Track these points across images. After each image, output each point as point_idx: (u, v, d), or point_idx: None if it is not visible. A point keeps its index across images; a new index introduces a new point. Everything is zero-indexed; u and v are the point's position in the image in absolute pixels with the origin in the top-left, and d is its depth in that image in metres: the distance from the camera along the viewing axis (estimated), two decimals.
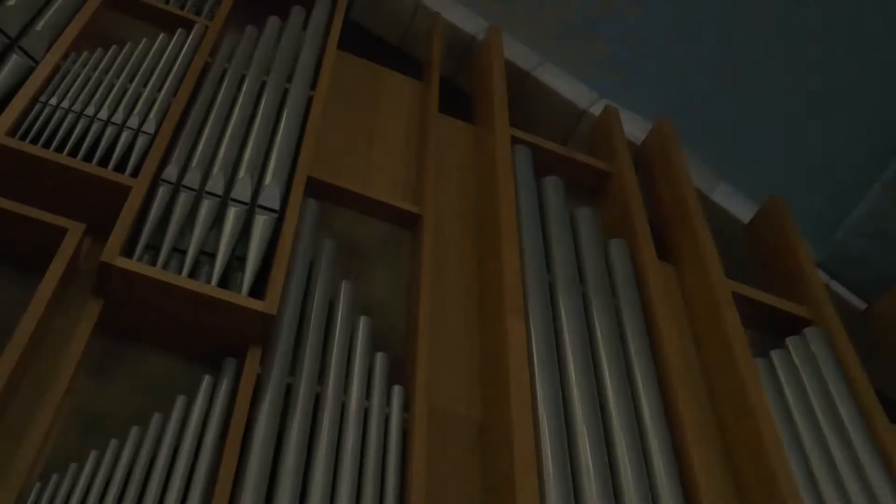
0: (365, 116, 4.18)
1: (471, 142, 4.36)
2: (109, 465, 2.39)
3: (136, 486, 2.35)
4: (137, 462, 2.41)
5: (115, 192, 2.92)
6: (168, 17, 3.91)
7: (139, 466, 2.40)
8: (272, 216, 3.06)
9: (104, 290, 2.70)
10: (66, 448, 2.47)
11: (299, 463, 2.53)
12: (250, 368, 2.70)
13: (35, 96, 3.12)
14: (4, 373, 2.33)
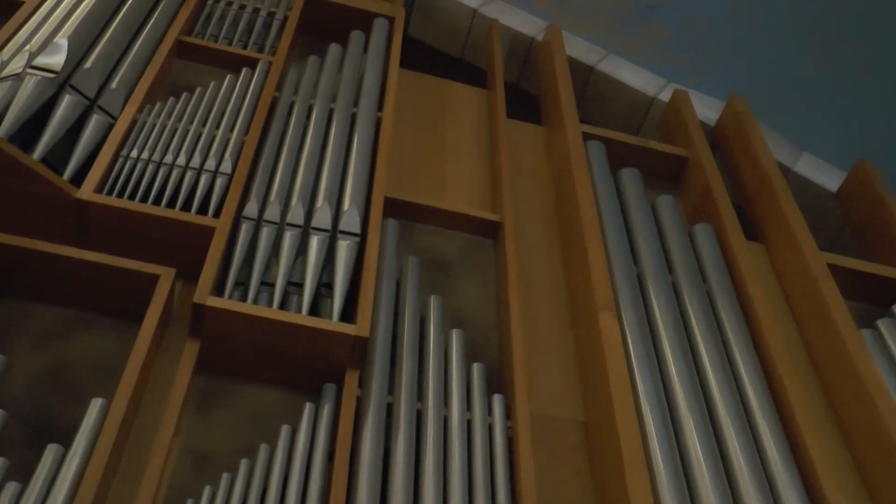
0: (434, 131, 4.20)
1: (543, 143, 4.35)
2: (224, 498, 2.43)
3: None
4: (250, 493, 2.45)
5: (200, 234, 2.99)
6: (232, 58, 4.00)
7: (252, 497, 2.44)
8: (354, 240, 3.09)
9: (200, 330, 2.76)
10: (180, 485, 2.53)
11: (408, 480, 2.54)
12: (350, 392, 2.73)
13: (117, 151, 3.22)
14: (116, 418, 2.40)
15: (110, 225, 3.01)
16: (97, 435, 2.38)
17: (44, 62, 3.21)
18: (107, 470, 2.32)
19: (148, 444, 2.52)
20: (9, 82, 3.13)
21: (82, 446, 2.35)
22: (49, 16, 3.60)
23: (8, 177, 2.90)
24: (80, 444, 2.35)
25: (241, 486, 2.46)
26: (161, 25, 3.90)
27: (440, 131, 4.21)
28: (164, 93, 3.75)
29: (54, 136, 3.10)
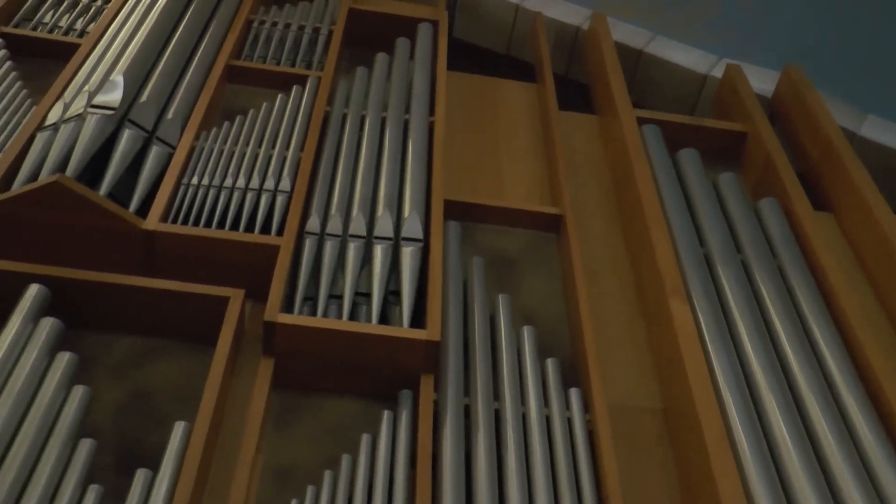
0: (487, 129, 4.20)
1: (597, 132, 4.32)
2: None
3: None
4: (337, 501, 2.48)
5: (266, 254, 3.03)
6: (282, 77, 4.05)
7: None
8: (418, 246, 3.11)
9: (273, 348, 2.80)
10: (266, 501, 2.57)
11: (492, 480, 2.54)
12: (426, 396, 2.74)
13: (178, 180, 3.28)
14: (199, 439, 2.45)
15: (178, 252, 3.07)
16: (183, 457, 2.43)
17: (102, 100, 3.29)
18: (195, 490, 2.37)
19: (232, 463, 2.56)
20: (72, 123, 3.22)
21: (170, 469, 2.40)
22: (104, 55, 3.70)
23: (78, 214, 2.98)
24: (168, 466, 2.40)
25: (326, 498, 2.49)
26: (210, 52, 3.97)
27: (493, 129, 4.21)
28: (219, 118, 3.82)
29: (118, 170, 3.17)
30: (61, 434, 2.42)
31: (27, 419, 2.40)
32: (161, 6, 3.92)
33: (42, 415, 2.42)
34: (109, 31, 3.93)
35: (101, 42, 3.84)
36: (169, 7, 3.95)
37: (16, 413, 2.40)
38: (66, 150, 3.14)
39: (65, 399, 2.52)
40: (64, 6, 4.31)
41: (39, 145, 3.21)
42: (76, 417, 2.49)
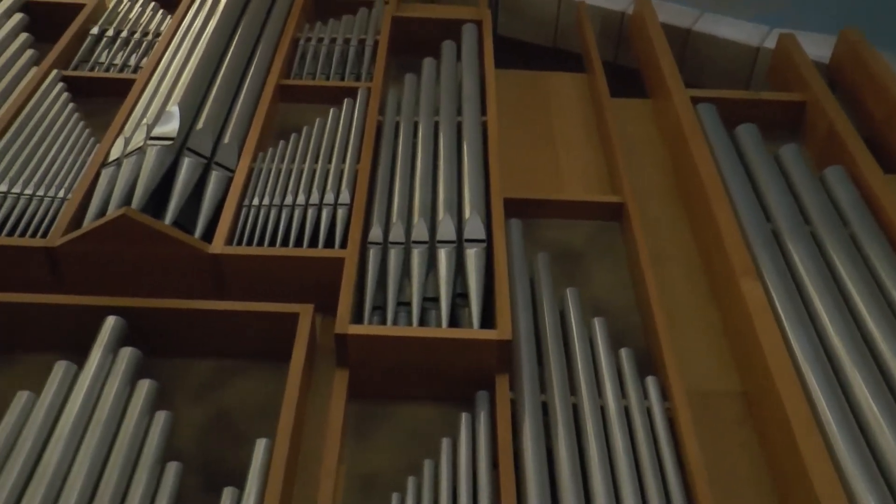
0: (541, 124, 4.18)
1: (651, 116, 4.27)
2: None
3: None
4: None
5: (331, 267, 3.06)
6: (332, 92, 4.09)
7: None
8: (481, 246, 3.10)
9: (346, 359, 2.82)
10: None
11: (575, 475, 2.53)
12: (503, 396, 2.73)
13: (239, 202, 3.33)
14: (282, 454, 2.48)
15: (245, 273, 3.12)
16: (267, 473, 2.46)
17: (160, 131, 3.36)
18: None
19: (315, 475, 2.59)
20: (134, 157, 3.29)
21: (255, 486, 2.43)
22: (158, 87, 3.78)
23: (146, 244, 3.05)
24: (253, 483, 2.44)
25: None
26: (260, 74, 4.03)
27: (546, 123, 4.19)
28: (274, 138, 3.87)
29: (181, 198, 3.23)
30: (148, 459, 2.47)
31: (115, 447, 2.47)
32: (209, 34, 3.99)
33: (129, 442, 2.48)
34: (161, 63, 4.02)
35: (155, 75, 3.93)
36: (217, 34, 4.02)
37: (104, 442, 2.46)
38: (130, 184, 3.21)
39: (149, 425, 2.58)
40: (117, 44, 4.42)
41: (105, 181, 3.30)
42: (161, 442, 2.54)
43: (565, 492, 2.48)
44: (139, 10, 4.68)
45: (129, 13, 4.65)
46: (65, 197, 3.38)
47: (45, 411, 2.52)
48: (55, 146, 3.65)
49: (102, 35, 4.47)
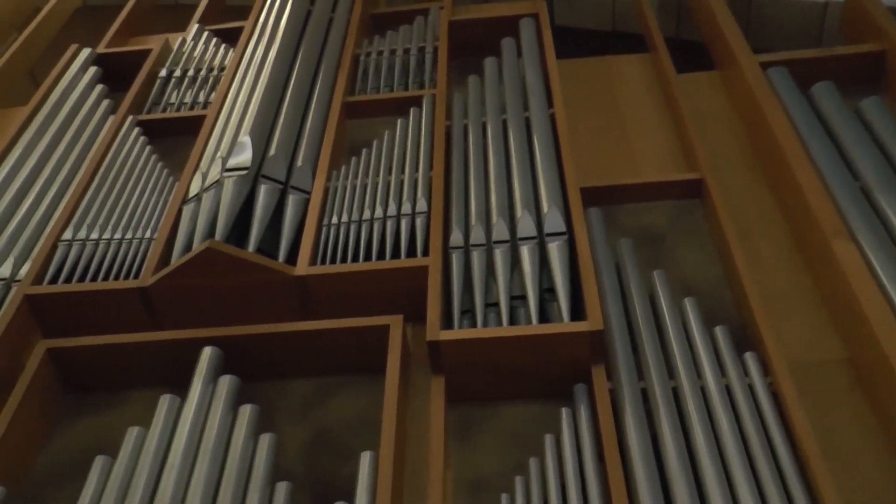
0: (609, 109, 4.14)
1: (721, 87, 4.18)
2: None
3: None
4: None
5: (416, 276, 3.08)
6: (398, 103, 4.12)
7: None
8: (563, 239, 3.08)
9: (441, 365, 2.83)
10: None
11: (683, 460, 2.48)
12: (601, 387, 2.71)
13: (319, 222, 3.38)
14: (387, 466, 2.51)
15: (332, 291, 3.15)
16: (375, 486, 2.49)
17: (235, 162, 3.42)
18: None
19: (423, 483, 2.60)
20: (212, 190, 3.37)
21: (364, 499, 2.46)
22: (228, 120, 3.86)
23: (232, 274, 3.11)
24: (363, 497, 2.47)
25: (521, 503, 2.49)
26: (325, 95, 4.08)
27: (615, 108, 4.14)
28: (346, 155, 3.92)
29: (261, 225, 3.29)
30: (258, 481, 2.52)
31: (225, 472, 2.53)
32: (271, 62, 4.06)
33: (237, 466, 2.54)
34: (229, 96, 4.10)
35: (224, 109, 4.01)
36: (279, 61, 4.08)
37: (214, 468, 2.53)
38: (211, 217, 3.28)
39: (255, 448, 2.63)
40: (185, 83, 4.53)
41: (187, 217, 3.38)
42: (268, 463, 2.59)
43: (674, 478, 2.44)
44: (202, 47, 4.79)
45: (194, 52, 4.76)
46: (151, 237, 3.48)
47: (155, 444, 2.60)
48: (137, 189, 3.76)
49: (170, 76, 4.59)
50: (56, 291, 3.23)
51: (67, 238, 3.47)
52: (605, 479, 2.48)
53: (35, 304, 3.24)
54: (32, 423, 2.94)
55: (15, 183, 3.86)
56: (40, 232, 3.64)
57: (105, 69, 4.74)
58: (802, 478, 2.43)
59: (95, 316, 3.24)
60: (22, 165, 3.99)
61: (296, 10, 4.48)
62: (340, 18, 4.65)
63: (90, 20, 5.92)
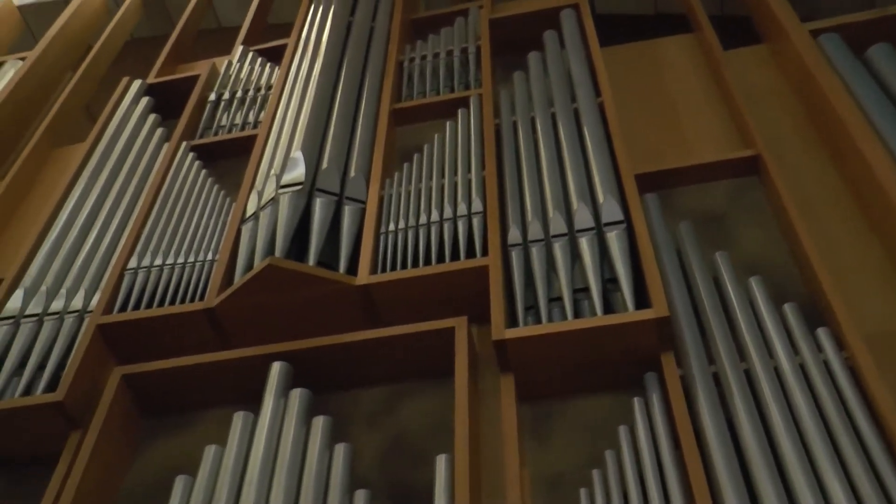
0: (658, 93, 4.09)
1: (771, 60, 4.10)
2: None
3: None
4: (612, 499, 2.46)
5: (477, 276, 3.08)
6: (445, 106, 4.12)
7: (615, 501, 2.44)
8: (621, 228, 3.05)
9: (508, 364, 2.82)
10: None
11: (762, 443, 2.44)
12: (671, 374, 2.67)
13: (376, 230, 3.39)
14: (463, 467, 2.51)
15: (394, 298, 3.17)
16: (452, 487, 2.49)
17: (289, 178, 3.46)
18: None
19: (500, 483, 2.60)
20: (269, 208, 3.41)
21: (444, 501, 2.47)
22: (279, 137, 3.90)
23: (295, 288, 3.15)
24: (441, 499, 2.47)
25: (601, 498, 2.47)
26: (372, 104, 4.10)
27: (663, 91, 4.09)
28: (398, 161, 3.93)
29: (320, 238, 3.32)
30: (336, 491, 2.55)
31: (303, 484, 2.56)
32: (316, 76, 4.10)
33: (314, 477, 2.57)
34: (278, 113, 4.15)
35: (274, 127, 4.06)
36: (324, 75, 4.11)
37: (292, 482, 2.56)
38: (270, 234, 3.32)
39: (330, 459, 2.66)
40: (234, 105, 4.59)
41: (247, 236, 3.42)
42: (345, 473, 2.62)
43: (754, 462, 2.40)
44: (248, 68, 4.86)
45: (240, 73, 4.83)
46: (213, 258, 3.53)
47: (233, 461, 2.64)
48: (196, 213, 3.82)
49: (220, 99, 4.66)
50: (126, 319, 3.30)
51: (133, 266, 3.54)
52: (683, 466, 2.45)
53: (107, 333, 3.32)
54: (114, 449, 3.01)
55: (80, 217, 3.96)
56: (107, 262, 3.72)
57: (156, 98, 4.83)
58: (889, 454, 2.37)
59: (165, 340, 3.30)
60: (85, 200, 4.08)
61: (337, 22, 4.52)
62: (381, 27, 4.67)
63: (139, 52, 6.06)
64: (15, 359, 3.30)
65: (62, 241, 3.86)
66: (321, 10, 4.74)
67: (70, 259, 3.76)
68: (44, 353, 3.31)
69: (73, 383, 3.11)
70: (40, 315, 3.48)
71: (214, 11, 6.09)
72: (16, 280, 3.67)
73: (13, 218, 4.46)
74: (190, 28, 5.69)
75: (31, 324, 3.43)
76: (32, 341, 3.38)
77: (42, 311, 3.49)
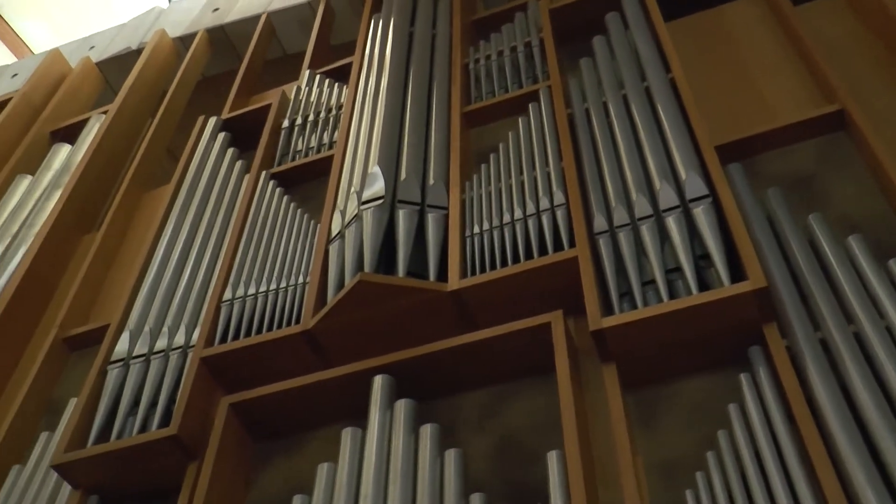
0: (729, 60, 3.99)
1: (846, 9, 3.95)
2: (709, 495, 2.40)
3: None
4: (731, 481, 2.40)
5: (567, 268, 3.06)
6: (515, 102, 4.11)
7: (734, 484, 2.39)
8: (707, 202, 2.99)
9: (609, 353, 2.79)
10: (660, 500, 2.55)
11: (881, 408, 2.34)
12: (777, 346, 2.60)
13: (461, 235, 3.40)
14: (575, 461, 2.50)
15: (487, 299, 3.17)
16: (566, 483, 2.47)
17: (369, 194, 3.49)
18: None
19: (614, 474, 2.57)
20: (353, 225, 3.44)
21: (560, 498, 2.45)
22: (355, 155, 3.95)
23: (388, 301, 3.17)
24: (557, 495, 2.47)
25: (718, 480, 2.42)
26: (443, 110, 4.11)
27: (736, 57, 3.99)
28: (475, 164, 3.93)
29: (406, 248, 3.34)
30: (451, 497, 2.56)
31: (418, 493, 2.59)
32: (385, 90, 4.13)
33: (428, 485, 2.59)
34: (351, 131, 4.20)
35: (349, 144, 4.11)
36: (392, 88, 4.14)
37: (406, 492, 2.59)
38: (357, 251, 3.35)
39: (442, 466, 2.67)
40: (308, 129, 4.65)
41: (335, 256, 3.46)
42: (458, 478, 2.62)
43: (876, 429, 2.31)
44: (317, 91, 4.92)
45: (310, 97, 4.89)
46: (305, 281, 3.58)
47: (346, 477, 2.69)
48: (283, 238, 3.89)
49: (293, 125, 4.73)
50: (228, 349, 3.38)
51: (228, 298, 3.62)
52: (800, 440, 2.38)
53: (211, 365, 3.40)
54: (230, 475, 3.08)
55: (173, 256, 4.07)
56: (203, 297, 3.82)
57: (232, 132, 4.94)
58: None
59: (267, 365, 3.37)
60: (176, 239, 4.20)
61: (398, 34, 4.55)
62: (443, 32, 4.68)
63: (211, 89, 6.20)
64: (129, 399, 3.41)
65: (159, 281, 3.97)
66: (381, 25, 4.79)
67: (168, 298, 3.87)
68: (154, 391, 3.42)
69: (184, 416, 3.19)
70: (147, 355, 3.59)
71: (278, 40, 6.19)
72: (121, 324, 3.79)
73: (112, 265, 4.61)
74: (257, 60, 5.80)
75: (139, 364, 3.54)
76: (143, 381, 3.49)
77: (148, 351, 3.60)
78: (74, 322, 4.19)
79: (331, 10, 5.94)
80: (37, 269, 4.45)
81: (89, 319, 4.26)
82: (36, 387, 3.90)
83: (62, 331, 4.11)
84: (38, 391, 3.90)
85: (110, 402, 3.43)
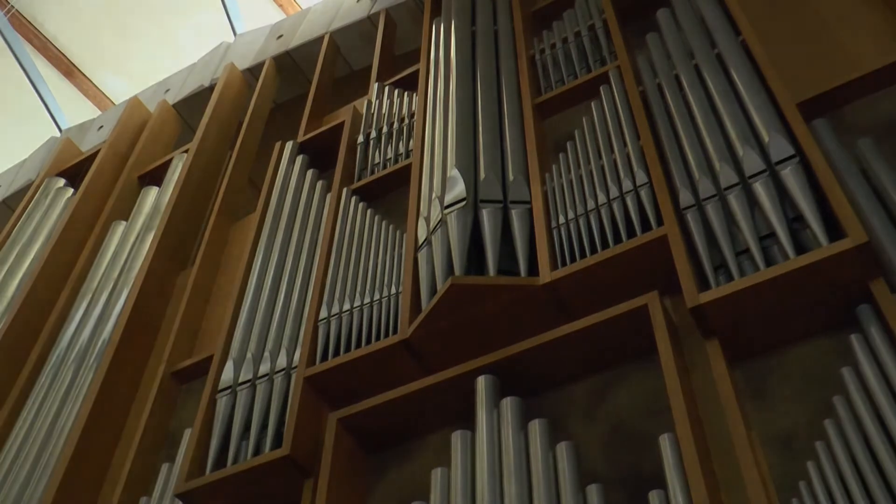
0: (802, 12, 3.85)
1: None
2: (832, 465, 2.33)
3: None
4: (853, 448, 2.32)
5: (658, 248, 3.01)
6: (586, 87, 4.06)
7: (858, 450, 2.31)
8: (794, 162, 2.90)
9: (711, 328, 2.73)
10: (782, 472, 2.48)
11: None
12: (887, 301, 2.52)
13: (548, 227, 3.37)
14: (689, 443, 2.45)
15: (581, 288, 3.14)
16: (682, 465, 2.43)
17: (451, 197, 3.50)
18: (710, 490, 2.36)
19: (730, 451, 2.51)
20: (438, 231, 3.45)
21: (677, 481, 2.41)
22: (432, 160, 3.95)
23: (482, 301, 3.17)
24: (674, 479, 2.42)
25: (840, 448, 2.33)
26: (514, 104, 4.09)
27: (807, 10, 3.84)
28: (552, 154, 3.90)
29: (494, 247, 3.32)
30: (568, 490, 2.54)
31: (533, 489, 2.60)
32: (454, 92, 4.13)
33: (544, 480, 2.59)
34: (426, 138, 4.21)
35: (425, 151, 4.12)
36: (461, 89, 4.14)
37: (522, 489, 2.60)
38: (446, 255, 3.35)
39: (555, 460, 2.65)
40: (383, 141, 4.68)
41: (424, 262, 3.48)
42: (573, 470, 2.60)
43: None
44: (388, 103, 4.95)
45: (381, 110, 4.92)
46: (397, 291, 3.60)
47: (460, 479, 2.70)
48: (371, 252, 3.92)
49: (368, 140, 4.77)
50: (329, 367, 3.43)
51: (324, 316, 3.67)
52: None
53: (315, 383, 3.45)
54: (347, 488, 3.13)
55: (266, 282, 4.15)
56: (300, 318, 3.88)
57: (310, 154, 5.01)
58: None
59: (370, 377, 3.40)
60: (267, 265, 4.28)
61: (460, 35, 4.55)
62: (504, 27, 4.66)
63: (284, 115, 6.31)
64: (240, 424, 3.49)
65: (255, 307, 4.05)
66: (443, 29, 4.79)
67: (266, 323, 3.94)
68: (263, 414, 3.49)
69: (295, 436, 3.25)
70: (252, 380, 3.66)
71: (343, 58, 6.25)
72: (224, 354, 3.89)
73: (210, 298, 4.72)
74: (325, 80, 5.88)
75: (246, 390, 3.62)
76: (251, 405, 3.57)
77: (253, 377, 3.68)
78: (180, 356, 4.31)
79: (391, 21, 5.97)
80: (140, 310, 4.58)
81: (194, 352, 4.38)
82: (152, 422, 4.02)
83: (170, 366, 4.24)
84: (154, 426, 4.02)
85: (223, 429, 3.52)
